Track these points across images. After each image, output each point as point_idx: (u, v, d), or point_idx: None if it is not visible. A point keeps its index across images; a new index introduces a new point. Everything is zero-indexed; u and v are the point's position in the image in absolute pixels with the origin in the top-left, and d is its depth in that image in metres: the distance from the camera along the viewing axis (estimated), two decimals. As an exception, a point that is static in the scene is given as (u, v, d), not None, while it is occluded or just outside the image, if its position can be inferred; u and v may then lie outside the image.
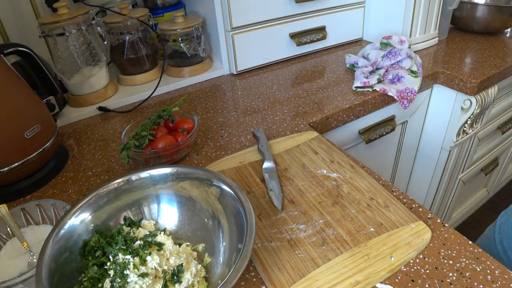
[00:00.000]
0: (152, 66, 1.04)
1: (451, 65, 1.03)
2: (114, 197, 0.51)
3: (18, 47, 0.73)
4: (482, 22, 1.18)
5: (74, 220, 0.47)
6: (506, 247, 0.68)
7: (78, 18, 0.86)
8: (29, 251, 0.52)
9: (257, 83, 1.01)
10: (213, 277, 0.47)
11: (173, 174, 0.53)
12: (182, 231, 0.53)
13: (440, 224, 0.53)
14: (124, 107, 0.95)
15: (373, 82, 0.91)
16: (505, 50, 1.10)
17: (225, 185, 0.50)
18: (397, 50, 0.99)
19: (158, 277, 0.45)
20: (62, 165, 0.74)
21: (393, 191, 0.60)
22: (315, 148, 0.70)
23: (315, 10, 1.11)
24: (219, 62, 1.09)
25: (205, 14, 1.05)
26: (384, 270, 0.46)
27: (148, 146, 0.66)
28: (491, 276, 0.45)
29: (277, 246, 0.51)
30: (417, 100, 1.05)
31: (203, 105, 0.92)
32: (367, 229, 0.52)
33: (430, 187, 1.26)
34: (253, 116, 0.85)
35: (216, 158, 0.71)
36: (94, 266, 0.45)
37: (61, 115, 0.90)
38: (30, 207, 0.56)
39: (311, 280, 0.45)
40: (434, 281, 0.45)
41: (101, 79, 0.95)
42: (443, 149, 1.13)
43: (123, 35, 0.98)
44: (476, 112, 1.02)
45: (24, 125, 0.64)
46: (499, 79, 1.02)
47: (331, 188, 0.60)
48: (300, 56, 1.17)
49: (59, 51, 0.89)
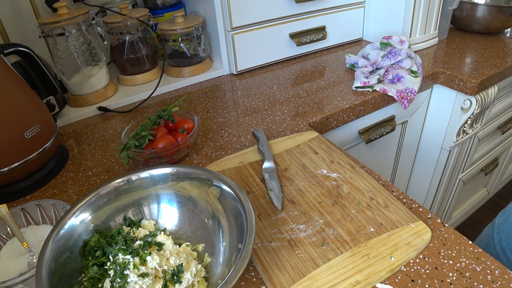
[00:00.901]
0: (152, 66, 1.04)
1: (451, 65, 1.03)
2: (114, 197, 0.51)
3: (18, 47, 0.73)
4: (482, 22, 1.18)
5: (74, 220, 0.47)
6: (505, 247, 0.68)
7: (78, 18, 0.86)
8: (29, 251, 0.52)
9: (257, 83, 1.01)
10: (213, 277, 0.47)
11: (173, 174, 0.53)
12: (182, 231, 0.53)
13: (440, 224, 0.53)
14: (124, 107, 0.95)
15: (373, 82, 0.91)
16: (505, 50, 1.10)
17: (225, 185, 0.50)
18: (397, 50, 0.99)
19: (158, 277, 0.45)
20: (62, 165, 0.74)
21: (393, 191, 0.60)
22: (315, 148, 0.70)
23: (315, 10, 1.11)
24: (219, 62, 1.09)
25: (205, 14, 1.05)
26: (384, 270, 0.46)
27: (148, 146, 0.66)
28: (491, 276, 0.45)
29: (277, 246, 0.51)
30: (417, 100, 1.05)
31: (203, 105, 0.92)
32: (367, 229, 0.52)
33: (430, 187, 1.26)
34: (253, 116, 0.85)
35: (216, 158, 0.71)
36: (94, 266, 0.45)
37: (61, 115, 0.90)
38: (30, 207, 0.56)
39: (311, 280, 0.45)
40: (434, 281, 0.45)
41: (101, 79, 0.95)
42: (443, 149, 1.13)
43: (123, 35, 0.98)
44: (476, 112, 1.02)
45: (24, 125, 0.64)
46: (499, 79, 1.02)
47: (331, 188, 0.60)
48: (300, 56, 1.17)
49: (59, 51, 0.89)
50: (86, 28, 0.90)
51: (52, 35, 0.87)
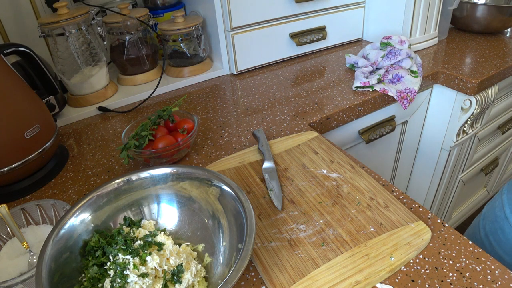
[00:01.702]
0: (152, 66, 1.04)
1: (451, 65, 1.03)
2: (114, 197, 0.51)
3: (18, 47, 0.73)
4: (482, 22, 1.18)
5: (74, 220, 0.47)
6: (488, 231, 0.69)
7: (78, 18, 0.86)
8: (29, 251, 0.52)
9: (257, 83, 1.01)
10: (213, 277, 0.47)
11: (173, 174, 0.53)
12: (182, 231, 0.53)
13: (440, 224, 0.53)
14: (124, 107, 0.95)
15: (373, 82, 0.91)
16: (505, 50, 1.10)
17: (225, 185, 0.50)
18: (397, 50, 0.99)
19: (158, 277, 0.45)
20: (62, 165, 0.74)
21: (393, 191, 0.60)
22: (315, 148, 0.70)
23: (315, 10, 1.11)
24: (219, 62, 1.09)
25: (205, 14, 1.05)
26: (384, 270, 0.46)
27: (148, 146, 0.66)
28: (491, 276, 0.45)
29: (277, 246, 0.51)
30: (417, 100, 1.05)
31: (203, 105, 0.92)
32: (367, 229, 0.52)
33: (430, 187, 1.26)
34: (253, 116, 0.85)
35: (216, 158, 0.71)
36: (94, 266, 0.45)
37: (61, 115, 0.90)
38: (30, 207, 0.56)
39: (311, 280, 0.45)
40: (434, 281, 0.45)
41: (101, 79, 0.95)
42: (443, 149, 1.13)
43: (123, 35, 0.98)
44: (476, 112, 1.02)
45: (24, 125, 0.64)
46: (499, 79, 1.02)
47: (331, 188, 0.60)
48: (300, 56, 1.17)
49: (59, 51, 0.89)
50: (86, 28, 0.90)
51: (52, 35, 0.87)
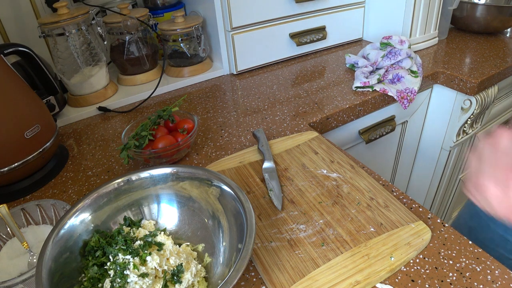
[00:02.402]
0: (152, 66, 1.04)
1: (451, 65, 1.03)
2: (114, 197, 0.51)
3: (18, 47, 0.73)
4: (482, 22, 1.18)
5: (74, 220, 0.47)
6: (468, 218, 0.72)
7: (78, 18, 0.86)
8: (29, 251, 0.52)
9: (257, 83, 1.01)
10: (213, 277, 0.47)
11: (173, 174, 0.53)
12: (182, 231, 0.53)
13: (440, 224, 0.53)
14: (124, 107, 0.95)
15: (373, 82, 0.91)
16: (505, 50, 1.10)
17: (225, 185, 0.50)
18: (397, 50, 0.99)
19: (158, 277, 0.45)
20: (62, 165, 0.74)
21: (393, 191, 0.60)
22: (315, 148, 0.70)
23: (315, 10, 1.11)
24: (219, 62, 1.09)
25: (205, 14, 1.05)
26: (384, 270, 0.46)
27: (148, 146, 0.66)
28: (491, 276, 0.45)
29: (277, 246, 0.51)
30: (417, 100, 1.05)
31: (203, 105, 0.92)
32: (367, 229, 0.52)
33: (430, 187, 1.26)
34: (253, 116, 0.85)
35: (216, 158, 0.71)
36: (94, 266, 0.45)
37: (61, 115, 0.90)
38: (30, 207, 0.56)
39: (311, 280, 0.45)
40: (434, 281, 0.45)
41: (101, 79, 0.95)
42: (443, 149, 1.13)
43: (123, 35, 0.98)
44: (476, 112, 1.02)
45: (24, 125, 0.64)
46: (499, 79, 1.02)
47: (331, 188, 0.60)
48: (300, 56, 1.17)
49: (59, 51, 0.89)
50: (86, 28, 0.90)
51: (52, 35, 0.87)
